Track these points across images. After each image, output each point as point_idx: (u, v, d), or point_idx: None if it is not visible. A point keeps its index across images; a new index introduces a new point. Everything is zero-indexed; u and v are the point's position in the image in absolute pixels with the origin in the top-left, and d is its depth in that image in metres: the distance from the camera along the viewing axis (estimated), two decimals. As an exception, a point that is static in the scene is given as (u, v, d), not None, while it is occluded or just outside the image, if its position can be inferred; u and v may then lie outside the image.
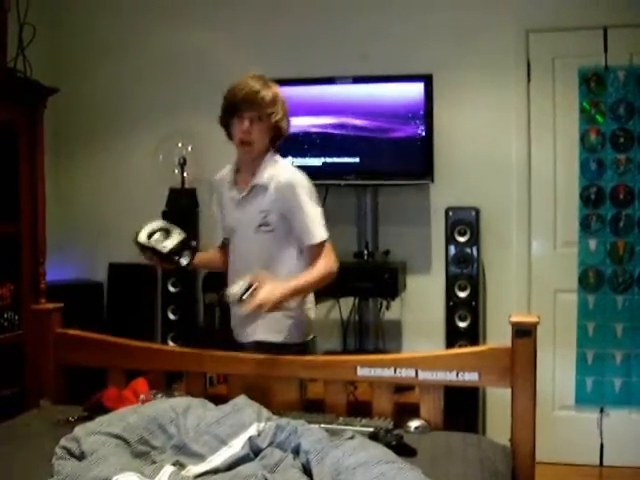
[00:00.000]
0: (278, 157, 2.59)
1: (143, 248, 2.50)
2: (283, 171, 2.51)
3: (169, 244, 2.48)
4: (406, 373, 2.37)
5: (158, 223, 2.54)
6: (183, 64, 4.17)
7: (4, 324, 3.30)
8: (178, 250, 2.49)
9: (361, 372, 2.41)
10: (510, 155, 3.84)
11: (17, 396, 3.25)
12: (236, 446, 1.97)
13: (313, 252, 2.48)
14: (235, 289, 2.34)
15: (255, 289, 2.29)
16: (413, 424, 2.35)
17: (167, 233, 2.50)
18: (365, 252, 3.77)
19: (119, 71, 4.26)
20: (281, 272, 2.48)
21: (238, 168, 2.62)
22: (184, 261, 2.51)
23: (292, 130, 3.75)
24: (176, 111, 4.13)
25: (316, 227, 2.47)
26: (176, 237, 2.49)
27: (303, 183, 2.50)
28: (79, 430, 1.99)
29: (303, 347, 2.57)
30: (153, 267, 4.08)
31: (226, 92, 2.50)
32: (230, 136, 2.56)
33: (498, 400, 3.35)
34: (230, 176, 2.62)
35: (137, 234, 2.50)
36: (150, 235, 2.49)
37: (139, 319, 4.07)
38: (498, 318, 3.50)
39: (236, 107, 2.46)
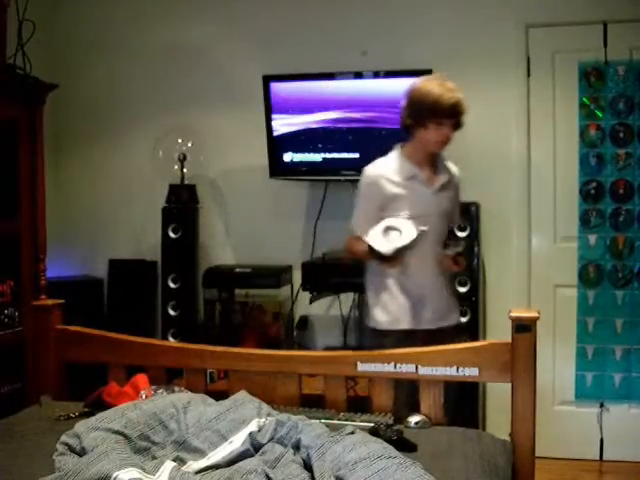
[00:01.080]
0: None
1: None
2: (452, 164, 2.90)
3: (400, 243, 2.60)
4: (406, 368, 2.38)
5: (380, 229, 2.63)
6: (183, 59, 4.16)
7: (4, 321, 3.30)
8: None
9: (361, 368, 2.42)
10: (510, 150, 3.83)
11: (18, 392, 3.26)
12: (236, 442, 1.97)
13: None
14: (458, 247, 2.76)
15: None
16: (413, 419, 2.36)
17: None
18: (365, 247, 3.77)
19: (119, 67, 4.25)
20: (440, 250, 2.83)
21: (415, 163, 2.77)
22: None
23: (292, 126, 3.79)
24: (176, 107, 4.13)
25: None
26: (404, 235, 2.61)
27: None
28: (80, 426, 1.99)
29: None
30: (152, 263, 4.11)
31: (422, 96, 2.67)
32: (411, 133, 2.74)
33: (498, 395, 3.36)
34: (406, 171, 2.75)
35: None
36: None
37: (139, 315, 4.07)
38: (498, 313, 3.50)
39: (443, 114, 2.65)
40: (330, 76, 3.72)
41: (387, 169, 2.76)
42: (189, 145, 3.95)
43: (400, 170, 2.75)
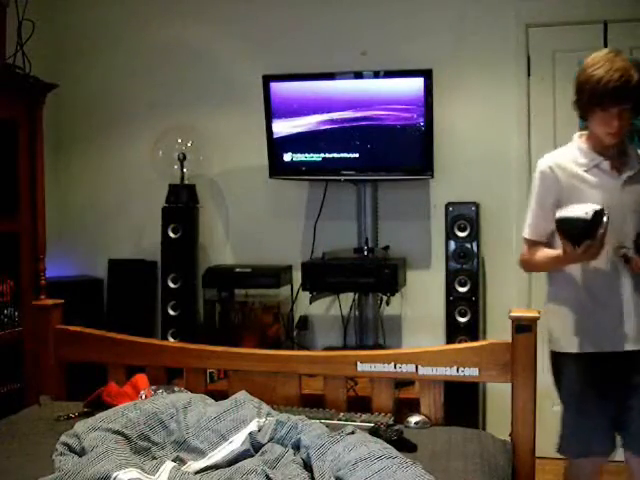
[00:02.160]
0: None
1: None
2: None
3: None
4: (406, 368, 2.38)
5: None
6: (183, 59, 4.15)
7: (4, 320, 3.30)
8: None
9: (361, 368, 2.42)
10: (510, 150, 3.83)
11: (17, 392, 3.25)
12: (236, 441, 1.98)
13: None
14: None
15: None
16: (413, 419, 2.36)
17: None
18: (365, 247, 3.77)
19: (118, 66, 4.25)
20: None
21: (597, 151, 2.40)
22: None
23: (292, 126, 3.78)
24: (176, 106, 4.13)
25: None
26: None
27: None
28: (79, 426, 1.99)
29: None
30: (152, 263, 4.11)
31: (584, 80, 2.34)
32: (585, 117, 2.39)
33: (498, 395, 3.35)
34: (586, 159, 2.39)
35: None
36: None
37: (139, 315, 4.07)
38: (498, 313, 3.50)
39: (605, 102, 2.28)
40: (330, 76, 3.71)
41: (563, 157, 2.42)
42: (189, 145, 3.95)
43: (579, 158, 2.40)
